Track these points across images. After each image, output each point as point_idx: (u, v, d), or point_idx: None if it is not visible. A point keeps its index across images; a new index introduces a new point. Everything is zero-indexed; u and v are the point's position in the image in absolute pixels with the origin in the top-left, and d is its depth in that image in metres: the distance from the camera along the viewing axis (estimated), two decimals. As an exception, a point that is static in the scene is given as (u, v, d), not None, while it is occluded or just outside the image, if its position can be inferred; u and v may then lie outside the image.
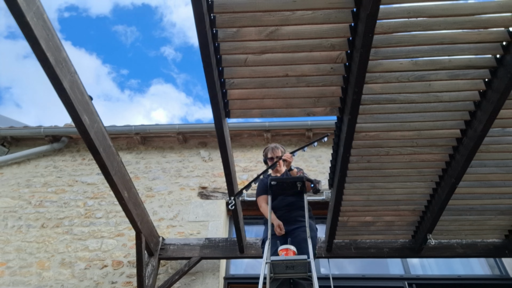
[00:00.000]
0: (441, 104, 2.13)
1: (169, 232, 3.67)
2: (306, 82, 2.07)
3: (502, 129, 2.30)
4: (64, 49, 1.85)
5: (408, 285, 3.30)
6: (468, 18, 1.76)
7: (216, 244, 3.28)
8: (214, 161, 4.38)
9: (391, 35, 1.83)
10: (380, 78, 2.01)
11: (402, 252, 3.15)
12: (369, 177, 2.61)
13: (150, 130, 4.46)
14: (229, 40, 1.89)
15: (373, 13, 1.59)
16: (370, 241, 3.19)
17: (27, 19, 1.54)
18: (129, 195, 2.58)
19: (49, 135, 4.56)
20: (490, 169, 2.51)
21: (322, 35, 1.84)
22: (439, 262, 3.62)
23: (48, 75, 1.76)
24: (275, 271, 2.21)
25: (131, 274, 3.35)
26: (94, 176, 4.29)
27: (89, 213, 3.92)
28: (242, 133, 4.56)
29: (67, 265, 3.49)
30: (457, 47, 1.87)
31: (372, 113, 2.18)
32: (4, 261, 3.57)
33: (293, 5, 1.72)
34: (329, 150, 4.40)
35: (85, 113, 2.03)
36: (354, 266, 3.63)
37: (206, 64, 1.84)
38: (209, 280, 3.27)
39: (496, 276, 3.53)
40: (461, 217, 2.92)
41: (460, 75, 1.97)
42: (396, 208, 2.86)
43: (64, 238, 3.71)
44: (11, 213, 4.00)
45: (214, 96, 2.02)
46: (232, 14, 1.78)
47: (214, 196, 4.00)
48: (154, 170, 4.34)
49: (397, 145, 2.38)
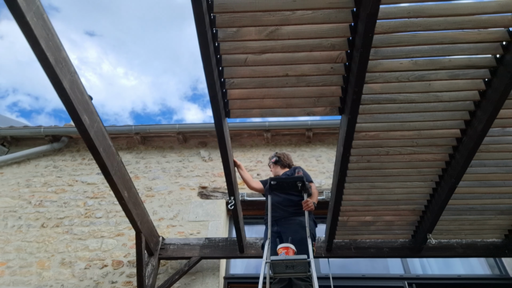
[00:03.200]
0: (441, 104, 2.13)
1: (169, 232, 3.67)
2: (306, 81, 2.07)
3: (502, 129, 2.30)
4: (64, 49, 1.85)
5: (408, 285, 3.30)
6: (468, 18, 1.76)
7: (216, 244, 3.28)
8: (214, 161, 4.38)
9: (391, 35, 1.83)
10: (380, 78, 2.01)
11: (402, 252, 3.15)
12: (369, 176, 2.61)
13: (150, 130, 4.46)
14: (229, 40, 1.88)
15: (373, 12, 1.59)
16: (370, 240, 3.19)
17: (27, 19, 1.54)
18: (129, 195, 2.58)
19: (49, 134, 4.56)
20: (490, 168, 2.51)
21: (322, 34, 1.84)
22: (439, 262, 3.62)
23: (48, 75, 1.76)
24: (275, 271, 2.20)
25: (131, 274, 3.35)
26: (94, 175, 4.29)
27: (89, 212, 3.92)
28: (242, 133, 4.56)
29: (67, 265, 3.49)
30: (457, 47, 1.87)
31: (372, 112, 2.18)
32: (4, 261, 3.58)
33: (293, 5, 1.72)
34: (329, 150, 4.43)
35: (85, 112, 2.02)
36: (354, 265, 3.63)
37: (206, 64, 1.84)
38: (209, 280, 3.27)
39: (496, 276, 3.53)
40: (461, 217, 2.93)
41: (460, 75, 1.97)
42: (396, 207, 2.86)
43: (64, 237, 3.71)
44: (11, 213, 4.00)
45: (214, 96, 2.02)
46: (232, 14, 1.78)
47: (214, 196, 4.00)
48: (154, 170, 4.34)
49: (397, 145, 2.38)
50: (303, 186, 2.64)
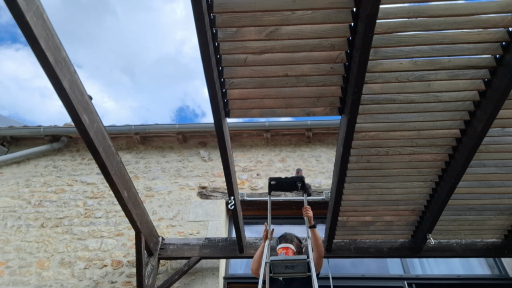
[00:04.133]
0: (441, 104, 2.13)
1: (168, 232, 3.67)
2: (306, 82, 2.07)
3: (501, 129, 2.30)
4: (63, 48, 1.85)
5: (407, 285, 3.30)
6: (468, 18, 1.76)
7: (216, 244, 3.28)
8: (214, 161, 4.38)
9: (391, 35, 1.83)
10: (380, 78, 2.01)
11: (402, 252, 3.15)
12: (369, 177, 2.61)
13: (150, 129, 4.46)
14: (229, 40, 1.88)
15: (373, 13, 1.59)
16: (369, 241, 3.19)
17: (26, 19, 1.54)
18: (128, 195, 2.58)
19: (49, 134, 4.56)
20: (490, 169, 2.52)
21: (322, 35, 1.84)
22: (439, 262, 3.62)
23: (48, 74, 1.76)
24: (275, 271, 2.20)
25: (130, 274, 3.35)
26: (94, 175, 4.29)
27: (89, 212, 3.92)
28: (242, 133, 4.56)
29: (66, 265, 3.49)
30: (457, 47, 1.88)
31: (372, 113, 2.18)
32: (4, 261, 3.57)
33: (293, 5, 1.72)
34: (329, 150, 4.42)
35: (85, 112, 2.02)
36: (354, 265, 3.63)
37: (206, 63, 1.84)
38: (209, 280, 3.27)
39: (496, 276, 3.54)
40: (461, 217, 2.93)
41: (460, 75, 1.98)
42: (395, 208, 2.86)
43: (64, 237, 3.71)
44: (10, 213, 4.00)
45: (214, 96, 2.01)
46: (231, 14, 1.78)
47: (214, 196, 4.00)
48: (154, 169, 4.34)
49: (397, 145, 2.38)
50: (303, 186, 2.63)
